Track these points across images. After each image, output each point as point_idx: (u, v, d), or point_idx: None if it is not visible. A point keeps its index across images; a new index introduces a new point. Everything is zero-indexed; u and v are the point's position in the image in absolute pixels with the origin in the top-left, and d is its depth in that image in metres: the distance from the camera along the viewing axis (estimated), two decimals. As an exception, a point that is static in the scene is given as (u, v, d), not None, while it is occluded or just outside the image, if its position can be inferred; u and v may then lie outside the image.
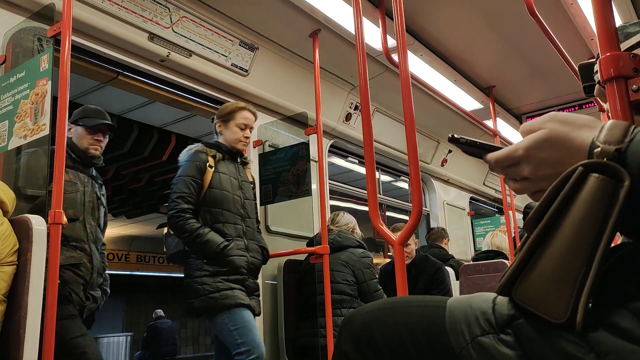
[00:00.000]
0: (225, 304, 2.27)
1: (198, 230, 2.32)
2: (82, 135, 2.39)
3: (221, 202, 2.41)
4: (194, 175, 2.40)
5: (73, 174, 2.32)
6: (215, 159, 2.46)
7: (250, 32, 3.16)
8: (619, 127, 0.64)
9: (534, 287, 0.66)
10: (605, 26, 0.90)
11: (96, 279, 2.32)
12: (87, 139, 2.39)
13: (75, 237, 2.25)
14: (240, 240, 2.41)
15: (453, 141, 0.77)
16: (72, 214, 2.23)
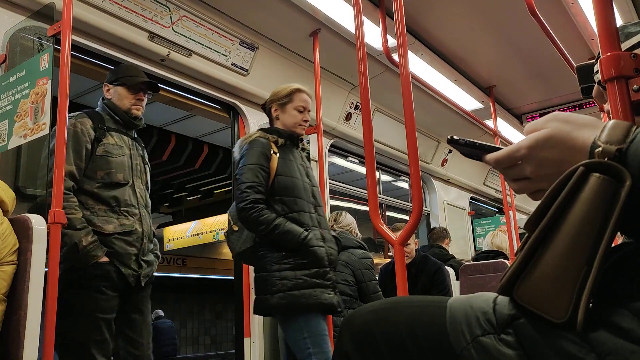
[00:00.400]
0: (305, 305, 2.09)
1: (275, 221, 2.12)
2: (124, 95, 2.28)
3: (292, 189, 2.22)
4: (261, 163, 2.20)
5: (117, 136, 2.23)
6: (278, 145, 2.29)
7: (251, 32, 3.16)
8: (620, 127, 0.64)
9: (534, 287, 0.66)
10: (606, 26, 0.90)
11: (147, 245, 2.22)
12: (129, 99, 2.28)
13: (126, 203, 2.16)
14: (316, 229, 2.23)
15: (452, 143, 0.77)
16: (122, 177, 2.17)
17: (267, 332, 3.13)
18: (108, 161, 2.14)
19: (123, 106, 2.27)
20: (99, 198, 2.11)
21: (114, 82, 2.30)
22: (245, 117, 3.40)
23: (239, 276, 3.21)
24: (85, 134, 2.12)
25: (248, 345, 3.07)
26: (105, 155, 2.14)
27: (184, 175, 7.62)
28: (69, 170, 2.02)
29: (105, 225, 2.08)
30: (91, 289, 2.01)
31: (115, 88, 2.29)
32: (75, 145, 2.08)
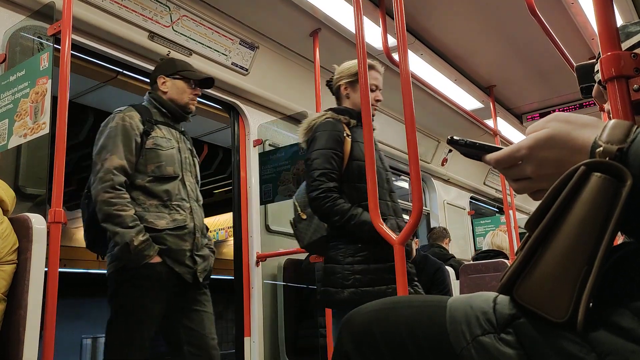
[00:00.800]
0: None
1: (350, 211, 1.97)
2: (182, 89, 2.25)
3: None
4: (334, 148, 2.03)
5: (165, 130, 2.18)
6: (350, 127, 2.14)
7: (251, 31, 3.16)
8: (621, 126, 0.64)
9: (535, 287, 0.66)
10: (606, 25, 0.89)
11: (201, 239, 2.16)
12: (188, 93, 2.26)
13: (177, 197, 2.11)
14: (392, 219, 2.08)
15: (452, 143, 0.77)
16: (172, 171, 2.12)
17: (267, 331, 3.13)
18: (158, 154, 2.10)
19: (182, 100, 2.25)
20: (150, 192, 2.07)
21: (172, 74, 2.25)
22: (245, 117, 3.40)
23: (239, 276, 3.21)
24: (134, 127, 2.08)
25: (248, 344, 3.08)
26: (155, 148, 2.10)
27: (184, 175, 7.60)
28: (120, 165, 2.00)
29: (157, 220, 2.03)
30: (142, 289, 1.99)
31: (173, 81, 2.24)
32: (124, 140, 2.04)
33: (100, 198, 1.96)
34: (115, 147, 2.02)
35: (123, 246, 1.92)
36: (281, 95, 3.53)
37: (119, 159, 2.00)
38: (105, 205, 1.94)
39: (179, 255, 2.05)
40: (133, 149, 2.05)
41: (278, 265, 3.24)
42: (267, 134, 3.47)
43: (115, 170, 1.98)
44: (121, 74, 3.32)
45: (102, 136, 2.07)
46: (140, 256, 1.94)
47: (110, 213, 1.93)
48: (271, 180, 3.26)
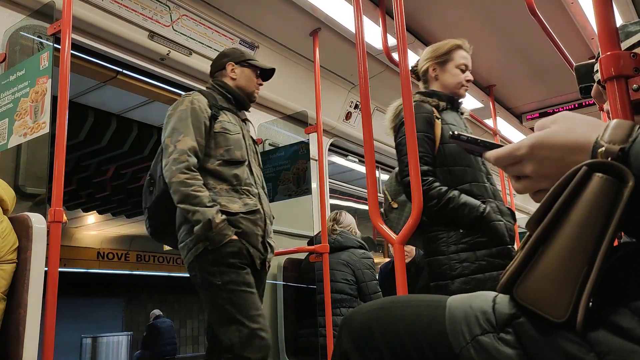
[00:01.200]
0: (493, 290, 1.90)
1: (447, 194, 1.89)
2: (250, 77, 2.27)
3: (462, 158, 1.97)
4: (426, 131, 1.96)
5: (230, 115, 2.18)
6: (439, 109, 2.07)
7: (250, 31, 3.16)
8: (623, 126, 0.64)
9: (535, 286, 0.66)
10: (605, 25, 0.90)
11: (270, 227, 2.15)
12: (254, 82, 2.27)
13: (245, 182, 2.09)
14: (492, 202, 1.99)
15: (454, 138, 0.77)
16: (240, 155, 2.11)
17: (266, 331, 3.13)
18: (226, 138, 2.09)
19: (249, 88, 2.26)
20: (220, 176, 2.05)
21: (241, 62, 2.26)
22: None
23: (238, 275, 3.21)
24: (203, 110, 2.07)
25: (248, 344, 3.07)
26: (224, 132, 2.10)
27: (183, 175, 7.60)
28: (193, 147, 1.99)
29: (230, 204, 2.01)
30: (230, 266, 1.95)
31: (242, 69, 2.26)
32: (194, 122, 2.03)
33: (176, 179, 1.93)
34: (186, 129, 2.01)
35: (205, 223, 1.88)
36: (281, 95, 3.53)
37: (191, 141, 1.99)
38: (182, 186, 1.92)
39: (252, 239, 2.03)
40: (203, 132, 2.04)
41: (278, 265, 3.24)
42: (267, 134, 3.47)
43: (189, 151, 1.97)
44: (121, 73, 3.32)
45: (172, 119, 2.07)
46: (221, 235, 1.91)
47: (188, 194, 1.91)
48: (271, 180, 3.26)
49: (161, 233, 2.21)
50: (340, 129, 4.10)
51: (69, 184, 7.60)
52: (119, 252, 12.16)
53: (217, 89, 2.23)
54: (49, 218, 1.75)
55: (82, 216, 10.37)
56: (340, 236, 3.10)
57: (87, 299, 11.88)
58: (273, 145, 3.43)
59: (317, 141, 3.22)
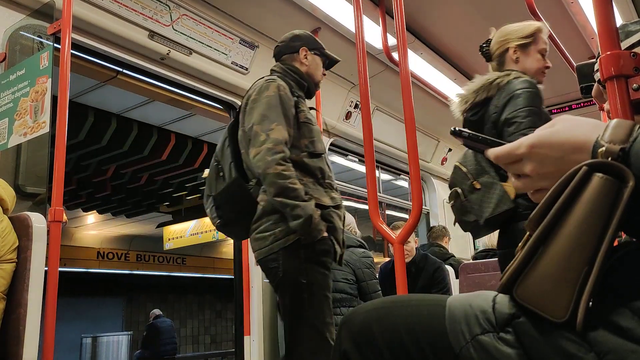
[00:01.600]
0: None
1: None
2: (319, 66, 2.15)
3: None
4: (540, 106, 1.84)
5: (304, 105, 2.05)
6: None
7: (251, 30, 3.16)
8: (623, 126, 0.63)
9: (535, 286, 0.66)
10: (605, 25, 0.89)
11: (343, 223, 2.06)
12: (321, 71, 2.16)
13: (327, 175, 1.98)
14: None
15: (455, 134, 0.76)
16: (322, 148, 2.01)
17: (266, 330, 3.13)
18: (310, 129, 1.99)
19: (317, 76, 2.15)
20: (306, 169, 1.93)
21: (314, 49, 2.15)
22: (245, 116, 3.39)
23: (239, 275, 3.22)
24: (290, 98, 1.96)
25: (248, 343, 3.08)
26: (307, 123, 1.99)
27: (183, 175, 7.62)
28: (285, 137, 1.87)
29: (321, 197, 1.91)
30: (320, 265, 1.87)
31: (314, 56, 2.14)
32: (284, 111, 1.91)
33: (273, 171, 1.80)
34: (278, 117, 1.89)
35: (306, 219, 1.77)
36: (281, 95, 3.53)
37: (284, 131, 1.87)
38: (279, 178, 1.79)
39: (337, 235, 1.94)
40: (291, 122, 1.93)
41: (278, 265, 3.24)
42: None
43: (284, 141, 1.85)
44: (121, 73, 3.32)
45: (259, 105, 1.92)
46: (317, 231, 1.82)
47: (286, 186, 1.79)
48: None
49: (229, 224, 2.05)
50: (340, 128, 4.10)
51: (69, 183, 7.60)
52: (119, 252, 12.17)
53: (290, 74, 2.09)
54: (49, 217, 1.75)
55: (82, 216, 10.38)
56: (341, 235, 3.10)
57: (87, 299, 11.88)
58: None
59: (317, 141, 3.22)
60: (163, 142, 6.25)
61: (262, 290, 3.16)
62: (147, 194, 8.70)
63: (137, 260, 12.48)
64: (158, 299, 12.93)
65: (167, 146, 6.29)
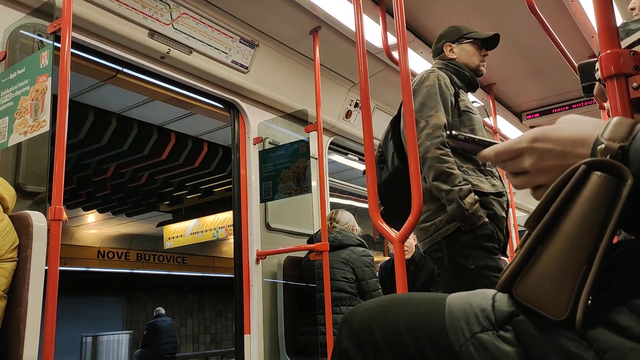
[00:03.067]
0: None
1: None
2: (472, 52, 2.16)
3: None
4: None
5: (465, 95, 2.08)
6: None
7: (251, 29, 3.16)
8: (624, 124, 0.63)
9: (534, 285, 0.66)
10: (605, 23, 0.89)
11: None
12: (477, 56, 2.17)
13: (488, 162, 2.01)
14: None
15: (451, 138, 0.77)
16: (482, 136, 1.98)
17: (266, 329, 3.13)
18: (470, 117, 2.02)
19: (472, 64, 2.16)
20: (466, 156, 1.95)
21: (458, 40, 2.18)
22: (245, 115, 3.40)
23: (239, 274, 3.22)
24: (448, 87, 2.01)
25: (248, 342, 3.08)
26: (467, 111, 2.03)
27: (183, 174, 7.62)
28: (444, 123, 1.91)
29: (481, 184, 1.93)
30: (484, 250, 1.86)
31: (460, 46, 2.17)
32: (442, 99, 1.97)
33: (432, 154, 1.86)
34: (437, 104, 1.95)
35: (459, 205, 1.80)
36: (281, 93, 3.53)
37: (443, 117, 1.92)
38: (438, 162, 1.85)
39: (500, 223, 1.94)
40: (449, 109, 1.98)
41: (278, 263, 3.24)
42: (267, 132, 3.47)
43: (442, 127, 1.90)
44: (121, 72, 3.32)
45: (419, 94, 2.00)
46: (475, 217, 1.83)
47: (443, 170, 1.84)
48: (271, 178, 3.26)
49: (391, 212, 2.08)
50: (340, 127, 4.10)
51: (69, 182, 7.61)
52: (119, 251, 12.17)
53: (451, 67, 2.14)
54: (49, 216, 1.75)
55: (83, 215, 10.38)
56: (340, 234, 3.10)
57: (87, 298, 11.89)
58: (273, 143, 3.43)
59: (317, 139, 3.22)
60: (163, 141, 6.25)
61: (262, 289, 3.16)
62: (147, 193, 8.70)
63: (138, 259, 12.48)
64: (158, 298, 12.94)
65: (167, 145, 6.29)
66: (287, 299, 3.18)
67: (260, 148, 3.39)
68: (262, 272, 3.19)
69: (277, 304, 3.19)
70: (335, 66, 3.73)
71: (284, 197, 3.18)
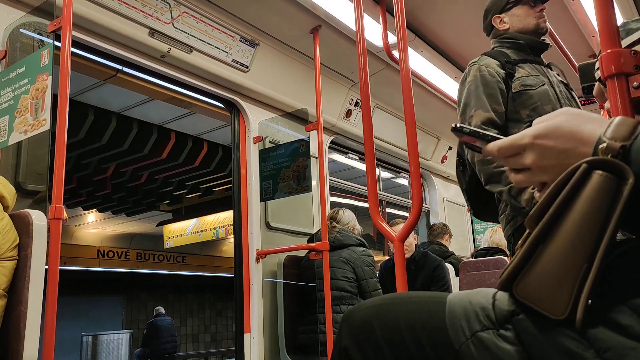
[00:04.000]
0: None
1: None
2: (524, 14, 1.99)
3: None
4: None
5: (528, 67, 1.95)
6: None
7: (251, 28, 3.16)
8: (626, 123, 0.63)
9: (535, 284, 0.66)
10: (606, 23, 0.89)
11: None
12: (532, 15, 1.99)
13: None
14: None
15: (456, 131, 0.76)
16: (551, 109, 1.84)
17: (267, 328, 3.13)
18: (530, 95, 1.88)
19: (529, 25, 1.99)
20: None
21: (504, 8, 2.04)
22: (246, 114, 3.40)
23: (239, 273, 3.22)
24: (493, 74, 1.89)
25: (248, 341, 3.08)
26: (525, 90, 1.89)
27: (183, 173, 7.63)
28: (488, 118, 1.82)
29: None
30: None
31: (510, 13, 2.02)
32: (486, 90, 1.87)
33: (477, 158, 1.78)
34: (478, 100, 1.86)
35: (514, 204, 1.75)
36: (281, 92, 3.53)
37: (485, 112, 1.83)
38: (484, 164, 1.78)
39: None
40: (499, 97, 1.87)
41: (278, 262, 3.24)
42: (268, 131, 3.47)
43: (483, 125, 1.81)
44: (121, 71, 3.32)
45: (462, 95, 1.92)
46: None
47: (492, 172, 1.76)
48: (271, 177, 3.26)
49: (481, 211, 2.06)
50: (340, 126, 4.10)
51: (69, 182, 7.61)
52: (119, 251, 12.17)
53: (505, 43, 2.02)
54: (50, 215, 1.75)
55: (83, 214, 10.39)
56: (340, 234, 3.10)
57: (87, 297, 11.89)
58: (273, 142, 3.43)
59: (317, 139, 3.22)
60: (163, 140, 6.25)
61: (262, 288, 3.17)
62: (147, 193, 8.70)
63: (138, 258, 12.49)
64: (158, 297, 12.94)
65: (167, 145, 6.30)
66: (287, 298, 3.18)
67: (261, 147, 3.39)
68: (262, 271, 3.19)
69: (277, 303, 3.19)
70: (335, 65, 3.72)
71: (284, 196, 3.18)
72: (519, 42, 1.99)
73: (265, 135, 3.44)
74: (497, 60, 1.92)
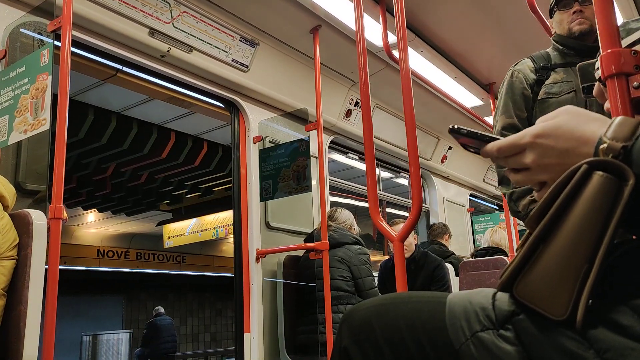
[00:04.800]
0: None
1: None
2: (559, 19, 2.00)
3: None
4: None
5: (564, 71, 1.95)
6: None
7: (251, 28, 3.16)
8: (627, 123, 0.63)
9: (535, 284, 0.66)
10: (606, 22, 0.89)
11: None
12: (565, 19, 1.97)
13: None
14: None
15: (454, 132, 0.76)
16: None
17: (266, 328, 3.13)
18: (550, 103, 1.90)
19: (564, 31, 1.98)
20: None
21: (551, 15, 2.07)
22: (246, 113, 3.40)
23: (239, 273, 3.22)
24: (521, 80, 1.96)
25: (248, 340, 3.08)
26: (547, 98, 1.92)
27: (183, 173, 7.62)
28: (509, 123, 1.88)
29: None
30: None
31: (554, 20, 2.04)
32: (511, 96, 1.95)
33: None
34: (504, 105, 1.95)
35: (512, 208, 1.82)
36: (281, 92, 3.53)
37: (506, 118, 1.90)
38: (498, 167, 1.89)
39: None
40: (521, 104, 1.93)
41: (277, 262, 3.25)
42: (267, 131, 3.47)
43: (503, 130, 1.89)
44: (121, 71, 3.32)
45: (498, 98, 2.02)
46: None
47: (503, 175, 1.84)
48: (271, 177, 3.26)
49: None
50: (340, 126, 4.10)
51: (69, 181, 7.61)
52: (119, 250, 12.18)
53: (553, 46, 2.04)
54: (49, 215, 1.75)
55: (82, 214, 10.39)
56: (336, 232, 3.10)
57: (87, 297, 11.90)
58: (273, 142, 3.44)
59: (317, 138, 3.22)
60: (163, 140, 6.25)
61: (262, 288, 3.17)
62: (147, 192, 8.70)
63: (137, 258, 12.49)
64: (158, 297, 12.94)
65: (167, 144, 6.30)
66: (287, 297, 3.18)
67: (261, 147, 3.39)
68: (262, 271, 3.19)
69: (277, 302, 3.19)
70: (335, 65, 3.72)
71: (284, 196, 3.18)
72: (558, 47, 2.02)
73: (265, 135, 3.44)
74: (535, 63, 1.97)
